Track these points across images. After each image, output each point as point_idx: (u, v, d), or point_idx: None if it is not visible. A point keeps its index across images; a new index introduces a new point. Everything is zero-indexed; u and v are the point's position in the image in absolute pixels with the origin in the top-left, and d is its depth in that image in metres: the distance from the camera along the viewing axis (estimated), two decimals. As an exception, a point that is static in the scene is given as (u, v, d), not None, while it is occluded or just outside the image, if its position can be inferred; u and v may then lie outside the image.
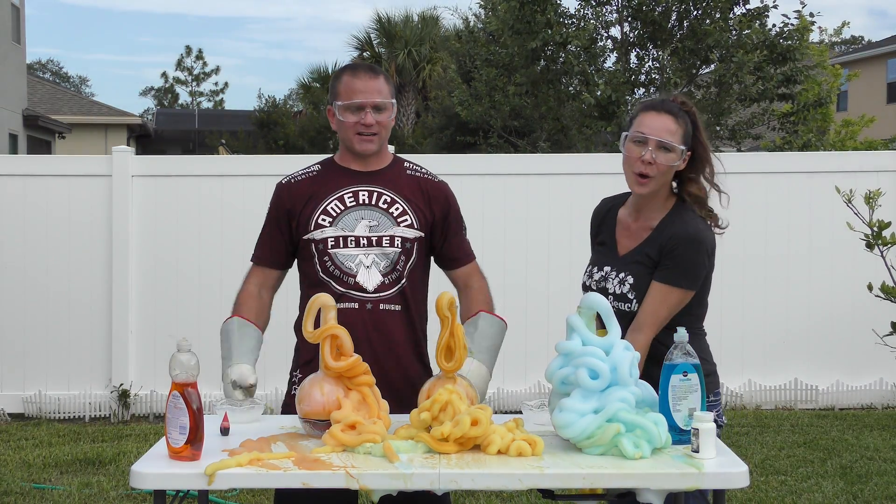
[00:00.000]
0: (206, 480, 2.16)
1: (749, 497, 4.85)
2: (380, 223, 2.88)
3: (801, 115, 14.81)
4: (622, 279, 2.73)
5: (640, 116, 2.75)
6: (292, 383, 2.94)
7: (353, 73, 2.91)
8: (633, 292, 2.69)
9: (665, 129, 2.70)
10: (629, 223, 2.83)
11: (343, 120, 2.89)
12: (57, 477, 5.35)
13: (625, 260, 2.77)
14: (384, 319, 2.85)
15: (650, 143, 2.69)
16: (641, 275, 2.70)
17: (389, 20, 27.81)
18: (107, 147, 24.29)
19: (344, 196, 2.90)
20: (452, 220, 3.01)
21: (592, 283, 2.81)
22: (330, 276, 2.86)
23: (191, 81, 54.49)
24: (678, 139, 2.70)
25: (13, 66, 20.66)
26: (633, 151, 2.72)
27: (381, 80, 2.90)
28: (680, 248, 2.67)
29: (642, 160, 2.69)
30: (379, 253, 2.86)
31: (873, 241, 5.59)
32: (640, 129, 2.72)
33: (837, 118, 19.38)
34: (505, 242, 6.84)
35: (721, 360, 8.00)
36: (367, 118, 2.86)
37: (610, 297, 2.71)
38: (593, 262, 2.88)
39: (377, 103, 2.87)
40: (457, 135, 21.17)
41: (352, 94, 2.87)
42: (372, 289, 2.84)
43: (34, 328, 6.97)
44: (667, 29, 13.71)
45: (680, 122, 2.72)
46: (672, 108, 2.74)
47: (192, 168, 7.26)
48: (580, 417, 2.29)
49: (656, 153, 2.69)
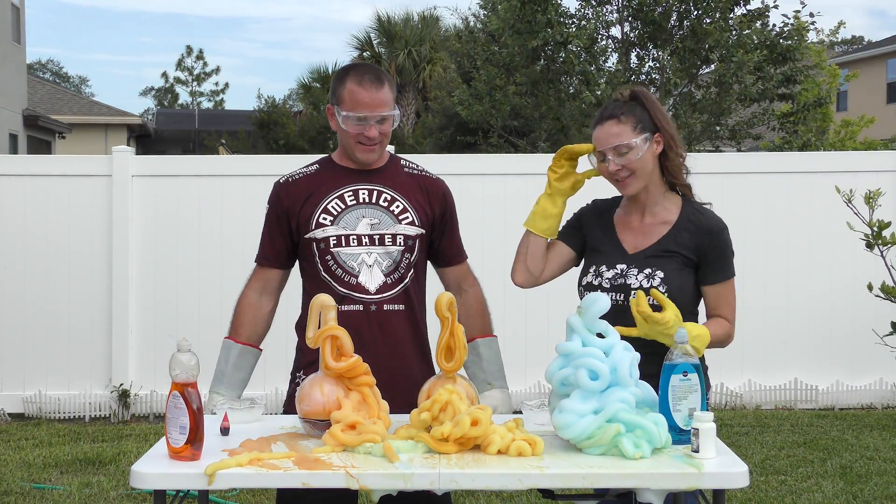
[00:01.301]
0: (206, 480, 2.16)
1: (749, 497, 4.85)
2: (381, 221, 2.87)
3: (801, 116, 14.83)
4: (649, 274, 2.71)
5: (594, 136, 2.82)
6: (295, 383, 2.93)
7: (358, 82, 2.84)
8: (663, 286, 2.69)
9: (610, 135, 2.75)
10: (634, 222, 2.82)
11: (345, 128, 2.86)
12: (57, 477, 5.35)
13: (644, 256, 2.75)
14: (389, 320, 2.84)
15: (607, 153, 2.75)
16: (671, 269, 2.72)
17: (389, 20, 27.81)
18: (107, 147, 24.30)
19: (344, 194, 2.89)
20: (450, 217, 3.02)
21: (604, 281, 2.77)
22: (332, 276, 2.85)
23: (191, 81, 54.51)
24: (628, 134, 2.73)
25: (13, 66, 20.67)
26: (603, 169, 2.80)
27: (386, 90, 2.86)
28: (719, 242, 2.76)
29: (611, 172, 2.76)
30: (381, 252, 2.85)
31: (873, 240, 5.60)
32: (596, 148, 2.80)
33: (837, 118, 19.39)
34: (505, 243, 6.79)
35: (721, 360, 7.99)
36: (371, 132, 2.84)
37: (633, 293, 2.69)
38: (597, 261, 2.83)
39: (382, 116, 2.85)
40: (457, 135, 21.17)
41: (356, 105, 2.83)
42: (374, 290, 2.83)
43: (34, 328, 6.97)
44: (667, 29, 13.71)
45: (623, 119, 2.74)
46: (612, 111, 2.77)
47: (192, 168, 7.26)
48: (580, 418, 2.29)
49: (618, 159, 2.74)
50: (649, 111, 2.77)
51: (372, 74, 2.88)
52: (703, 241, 2.74)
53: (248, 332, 2.94)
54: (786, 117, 14.91)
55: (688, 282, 2.74)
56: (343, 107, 2.85)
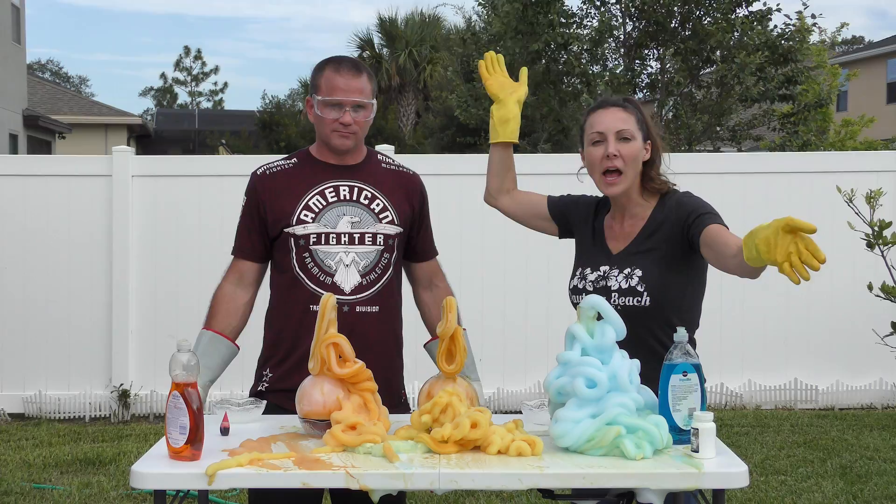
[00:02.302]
0: (206, 480, 2.16)
1: (749, 497, 4.85)
2: (362, 220, 2.84)
3: (802, 116, 14.82)
4: (628, 274, 2.67)
5: (590, 119, 2.74)
6: (263, 382, 2.88)
7: (335, 69, 2.85)
8: (642, 284, 2.63)
9: (618, 119, 2.69)
10: (616, 227, 2.79)
11: (321, 115, 2.85)
12: (57, 477, 5.35)
13: (623, 256, 2.72)
14: (360, 322, 2.79)
15: (609, 136, 2.68)
16: (649, 266, 2.66)
17: (390, 20, 27.82)
18: (107, 147, 24.28)
19: (325, 191, 2.86)
20: (426, 212, 3.02)
21: (587, 284, 2.74)
22: (306, 274, 2.81)
23: (189, 81, 54.51)
24: (633, 126, 2.69)
25: (13, 67, 20.66)
26: (595, 153, 2.71)
27: (364, 79, 2.85)
28: (688, 200, 2.66)
29: (607, 156, 2.67)
30: (360, 252, 2.82)
31: (874, 240, 5.60)
32: (594, 129, 2.71)
33: (837, 118, 19.37)
34: (505, 243, 6.84)
35: (721, 360, 7.92)
36: (345, 117, 2.82)
37: (613, 294, 2.66)
38: (583, 264, 2.81)
39: (357, 102, 2.83)
40: (457, 135, 21.18)
41: (332, 90, 2.82)
42: (349, 290, 2.80)
43: (34, 328, 6.98)
44: (669, 30, 13.72)
45: (629, 110, 2.71)
46: (616, 100, 2.74)
47: (192, 168, 7.27)
48: (575, 425, 2.28)
49: (618, 145, 2.67)
50: (644, 118, 2.75)
51: (349, 62, 2.89)
52: (678, 214, 2.65)
53: (221, 322, 2.86)
54: (786, 118, 14.91)
55: (668, 275, 2.65)
56: (319, 93, 2.85)
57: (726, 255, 2.42)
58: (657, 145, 2.76)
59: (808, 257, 2.02)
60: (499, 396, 6.93)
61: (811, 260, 2.01)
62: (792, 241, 2.04)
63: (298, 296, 2.81)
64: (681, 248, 2.65)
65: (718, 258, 2.49)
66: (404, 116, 27.05)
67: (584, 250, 2.84)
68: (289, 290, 2.84)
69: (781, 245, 2.04)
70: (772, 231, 2.08)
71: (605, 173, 2.70)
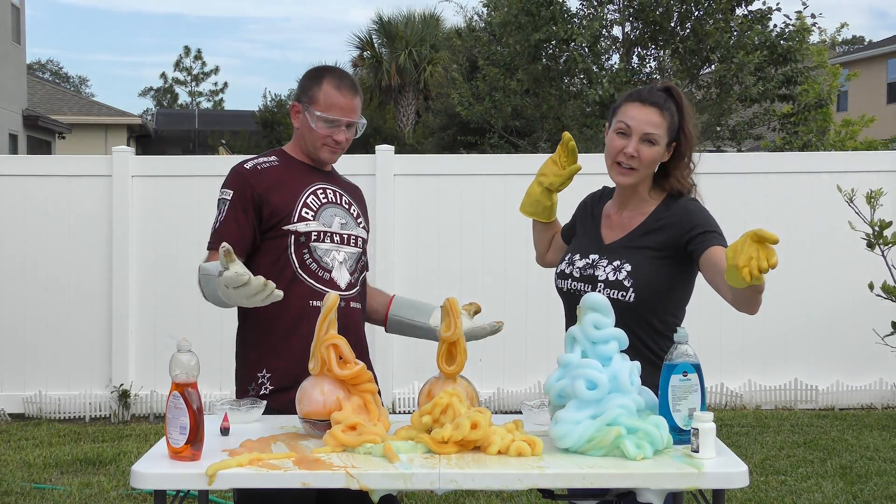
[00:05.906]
0: (206, 480, 2.16)
1: (749, 497, 4.85)
2: (347, 222, 2.96)
3: (802, 116, 14.82)
4: (617, 266, 2.64)
5: (625, 107, 2.69)
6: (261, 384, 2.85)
7: (336, 86, 2.89)
8: (629, 279, 2.61)
9: (649, 122, 2.64)
10: (613, 215, 2.78)
11: (315, 128, 2.89)
12: (57, 477, 5.35)
13: (615, 247, 2.70)
14: (352, 317, 2.89)
15: (633, 135, 2.64)
16: (640, 262, 2.63)
17: (390, 20, 27.81)
18: (107, 147, 24.29)
19: (317, 191, 2.93)
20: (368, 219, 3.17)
21: (574, 269, 2.72)
22: (305, 270, 2.84)
23: (189, 81, 54.49)
24: (663, 131, 2.65)
25: (13, 67, 20.67)
26: (616, 142, 2.67)
27: (358, 98, 2.94)
28: (695, 209, 2.65)
29: (625, 153, 2.65)
30: (347, 252, 2.93)
31: (874, 240, 5.60)
32: (623, 120, 2.67)
33: (837, 118, 19.37)
34: (505, 243, 6.84)
35: (721, 360, 7.91)
36: (339, 135, 2.89)
37: (600, 284, 2.64)
38: (574, 249, 2.80)
39: (352, 122, 2.91)
40: (458, 135, 21.17)
41: (331, 107, 2.87)
42: (344, 286, 2.88)
43: (35, 328, 6.98)
44: (668, 29, 13.72)
45: (665, 115, 2.66)
46: (658, 98, 2.67)
47: (193, 168, 7.27)
48: (575, 426, 2.28)
49: (639, 146, 2.64)
50: (683, 117, 2.70)
51: (349, 81, 2.95)
52: (684, 222, 2.62)
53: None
54: (786, 118, 14.91)
55: (657, 275, 2.63)
56: (316, 107, 2.88)
57: (723, 288, 2.51)
58: (688, 144, 2.71)
59: (762, 261, 2.21)
60: (499, 397, 6.93)
61: (764, 263, 2.21)
62: (755, 249, 2.21)
63: (296, 291, 2.82)
64: (677, 255, 2.64)
65: (716, 282, 2.55)
66: (404, 116, 27.04)
67: (579, 236, 2.86)
68: (286, 287, 2.82)
69: (746, 252, 2.22)
70: (741, 240, 2.25)
71: (618, 163, 2.69)
